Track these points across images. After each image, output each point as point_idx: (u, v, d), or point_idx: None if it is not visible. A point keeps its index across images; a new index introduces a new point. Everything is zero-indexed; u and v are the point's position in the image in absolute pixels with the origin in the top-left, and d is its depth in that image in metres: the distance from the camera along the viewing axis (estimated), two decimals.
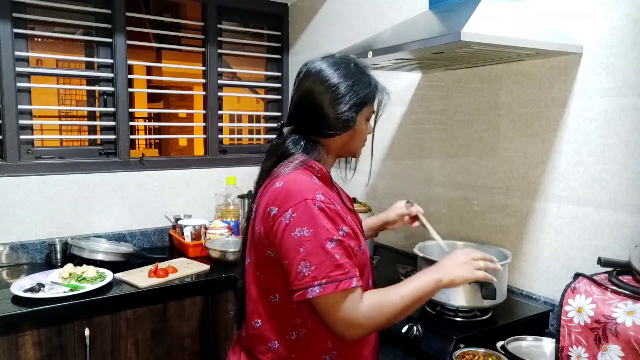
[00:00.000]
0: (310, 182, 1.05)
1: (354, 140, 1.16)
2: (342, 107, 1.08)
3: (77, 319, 1.73)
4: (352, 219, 1.14)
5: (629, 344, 0.93)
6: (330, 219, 1.00)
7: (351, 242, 1.02)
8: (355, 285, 0.98)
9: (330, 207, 1.01)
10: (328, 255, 0.97)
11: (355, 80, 1.10)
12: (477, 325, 1.34)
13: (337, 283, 0.96)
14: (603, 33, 1.32)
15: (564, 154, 1.44)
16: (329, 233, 0.98)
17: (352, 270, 0.99)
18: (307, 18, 2.69)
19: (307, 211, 0.99)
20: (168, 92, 4.11)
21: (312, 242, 0.97)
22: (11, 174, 2.14)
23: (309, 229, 0.98)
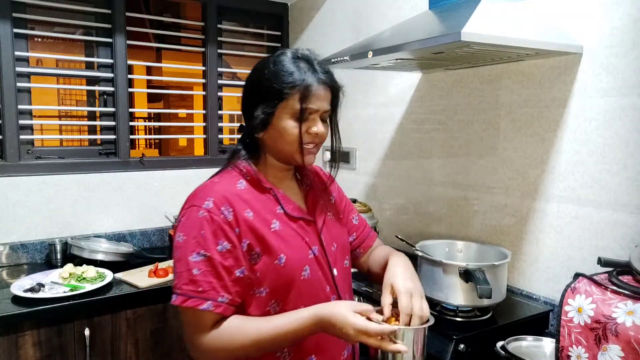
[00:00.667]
0: (217, 187, 1.00)
1: (277, 141, 1.03)
2: (253, 104, 1.02)
3: (77, 319, 1.73)
4: (291, 228, 1.03)
5: (629, 344, 0.93)
6: (208, 230, 0.94)
7: (228, 261, 0.94)
8: (207, 308, 0.92)
9: (216, 217, 0.95)
10: (187, 267, 0.94)
11: (270, 74, 1.00)
12: (477, 325, 1.34)
13: (185, 298, 0.93)
14: (603, 33, 1.32)
15: (564, 154, 1.44)
16: (198, 245, 0.94)
17: (210, 292, 0.93)
18: (307, 18, 2.69)
19: (189, 217, 0.97)
20: (168, 92, 4.10)
21: (181, 250, 0.95)
22: (11, 174, 2.14)
23: (184, 236, 0.96)
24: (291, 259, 1.00)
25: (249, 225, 0.98)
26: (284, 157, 1.06)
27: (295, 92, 0.99)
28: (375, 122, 2.21)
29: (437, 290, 1.37)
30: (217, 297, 0.93)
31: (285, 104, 1.00)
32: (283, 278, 1.00)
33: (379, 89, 2.17)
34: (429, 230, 1.92)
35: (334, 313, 0.92)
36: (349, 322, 0.89)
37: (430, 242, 1.57)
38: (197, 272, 0.93)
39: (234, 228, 0.96)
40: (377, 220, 1.99)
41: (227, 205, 0.97)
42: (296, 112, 1.00)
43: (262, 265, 0.98)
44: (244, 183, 1.04)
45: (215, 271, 0.94)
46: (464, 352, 1.24)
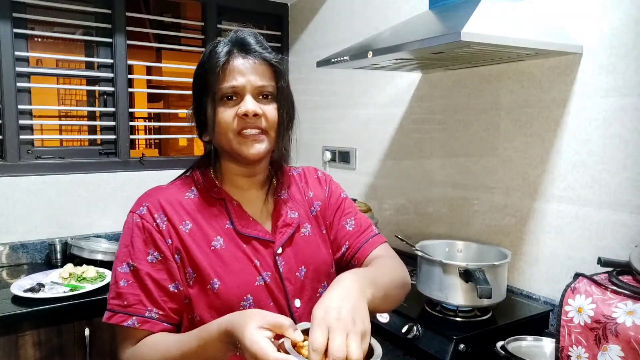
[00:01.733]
0: (158, 193, 0.92)
1: (216, 137, 0.90)
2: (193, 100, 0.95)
3: (77, 319, 1.73)
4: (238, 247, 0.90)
5: (629, 344, 0.93)
6: (138, 238, 0.86)
7: (160, 274, 0.85)
8: (132, 325, 0.83)
9: (147, 224, 0.86)
10: (114, 279, 0.87)
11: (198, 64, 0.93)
12: (477, 325, 1.34)
13: (111, 314, 0.85)
14: (603, 33, 1.32)
15: (564, 154, 1.44)
16: (127, 255, 0.86)
17: (136, 306, 0.84)
18: (307, 18, 2.69)
19: (125, 225, 0.90)
20: (168, 92, 4.10)
21: (115, 260, 0.89)
22: (11, 174, 2.14)
23: (119, 245, 0.90)
24: (227, 285, 0.86)
25: (181, 240, 0.87)
26: (230, 154, 0.92)
27: (216, 74, 0.87)
28: (375, 122, 2.21)
29: (437, 290, 1.37)
30: (144, 312, 0.84)
31: (210, 92, 0.89)
32: (216, 307, 0.86)
33: (379, 89, 2.17)
34: (429, 230, 1.92)
35: (236, 326, 0.70)
36: (246, 341, 0.67)
37: (430, 242, 1.57)
38: (124, 284, 0.85)
39: (165, 238, 0.87)
40: (377, 220, 1.99)
41: (161, 213, 0.88)
42: (218, 97, 0.88)
43: (193, 288, 0.87)
44: (194, 192, 0.94)
45: (142, 284, 0.85)
46: (464, 352, 1.24)
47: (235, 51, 0.90)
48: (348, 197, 1.11)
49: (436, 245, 1.58)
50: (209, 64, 0.89)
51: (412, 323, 1.33)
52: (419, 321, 1.33)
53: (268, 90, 0.91)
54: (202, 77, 0.91)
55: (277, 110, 0.91)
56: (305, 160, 2.71)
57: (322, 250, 1.01)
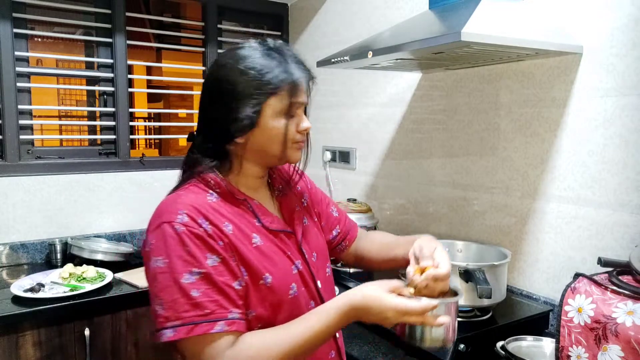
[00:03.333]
0: (187, 200, 0.88)
1: (266, 142, 0.93)
2: (236, 102, 0.90)
3: (77, 319, 1.73)
4: (272, 242, 0.95)
5: (629, 344, 0.93)
6: (193, 245, 0.83)
7: (224, 276, 0.84)
8: (221, 330, 0.81)
9: (195, 230, 0.84)
10: (182, 292, 0.81)
11: (249, 68, 0.91)
12: (477, 325, 1.34)
13: (191, 326, 0.80)
14: (603, 33, 1.32)
15: (564, 154, 1.44)
16: (187, 264, 0.82)
17: (217, 311, 0.81)
18: (307, 18, 2.69)
19: (163, 237, 0.84)
20: (168, 92, 4.10)
21: (165, 275, 0.82)
22: (11, 174, 2.14)
23: (164, 259, 0.83)
24: (277, 277, 0.91)
25: (230, 240, 0.88)
26: (269, 159, 0.96)
27: (284, 87, 0.91)
28: (375, 122, 2.21)
29: None
30: (227, 314, 0.82)
31: (271, 102, 0.91)
32: (270, 300, 0.90)
33: (379, 89, 2.17)
34: (429, 230, 1.92)
35: (368, 298, 0.84)
36: (388, 305, 0.83)
37: None
38: (197, 293, 0.81)
39: (217, 241, 0.86)
40: (377, 220, 1.99)
41: (201, 218, 0.86)
42: (284, 109, 0.92)
43: (247, 286, 0.88)
44: (215, 196, 0.92)
45: (216, 287, 0.83)
46: (464, 352, 1.24)
47: (301, 68, 0.96)
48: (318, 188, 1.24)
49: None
50: (275, 72, 0.91)
51: None
52: None
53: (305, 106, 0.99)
54: (261, 83, 0.90)
55: None
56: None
57: (320, 237, 1.11)
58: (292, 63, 0.94)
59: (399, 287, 0.87)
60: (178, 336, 0.80)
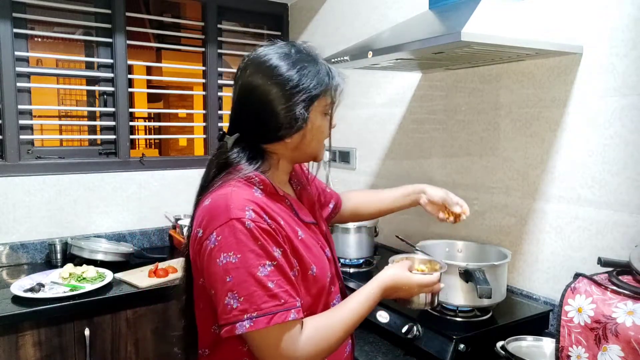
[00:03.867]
0: (244, 196, 0.91)
1: (310, 141, 1.00)
2: (289, 103, 0.93)
3: (77, 319, 1.73)
4: (309, 234, 1.02)
5: (629, 344, 0.93)
6: (263, 239, 0.87)
7: (287, 266, 0.89)
8: (294, 317, 0.86)
9: (262, 225, 0.88)
10: (259, 284, 0.84)
11: (301, 68, 0.95)
12: (477, 325, 1.34)
13: (270, 316, 0.84)
14: (603, 33, 1.32)
15: (563, 154, 1.44)
16: (260, 258, 0.86)
17: (289, 300, 0.86)
18: (307, 18, 2.69)
19: (233, 233, 0.86)
20: (168, 92, 4.11)
21: (240, 270, 0.85)
22: (11, 174, 2.14)
23: (236, 254, 0.85)
24: (320, 267, 0.98)
25: (286, 234, 0.93)
26: (304, 157, 1.05)
27: (327, 87, 0.98)
28: (375, 122, 2.21)
29: None
30: (296, 302, 0.87)
31: (322, 99, 0.98)
32: (315, 288, 0.97)
33: (379, 89, 2.17)
34: (429, 230, 1.92)
35: (398, 279, 1.03)
36: (413, 282, 1.03)
37: (430, 242, 1.57)
38: (273, 285, 0.85)
39: (278, 235, 0.90)
40: (377, 220, 1.99)
41: (263, 213, 0.90)
42: (326, 108, 1.00)
43: (297, 276, 0.93)
44: (259, 192, 0.95)
45: (286, 277, 0.88)
46: (464, 352, 1.24)
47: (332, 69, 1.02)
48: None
49: (436, 245, 1.58)
50: (330, 78, 0.99)
51: (412, 323, 1.33)
52: (419, 321, 1.34)
53: None
54: (317, 87, 0.97)
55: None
56: None
57: (326, 224, 1.20)
58: (325, 64, 1.01)
59: (411, 265, 1.09)
60: (257, 327, 0.83)
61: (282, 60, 0.95)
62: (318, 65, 0.98)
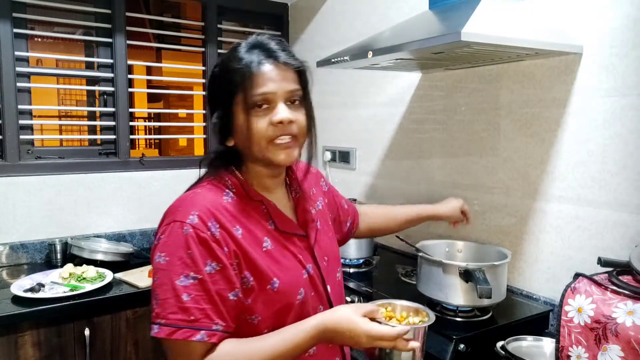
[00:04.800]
0: (202, 200, 0.88)
1: (245, 143, 0.91)
2: (213, 108, 0.93)
3: (77, 319, 1.73)
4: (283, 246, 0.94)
5: (629, 344, 0.93)
6: (196, 249, 0.83)
7: (220, 284, 0.83)
8: (201, 339, 0.81)
9: (201, 234, 0.83)
10: (174, 293, 0.81)
11: (219, 71, 0.92)
12: (477, 325, 1.34)
13: (174, 329, 0.80)
14: (603, 33, 1.32)
15: (564, 154, 1.44)
16: (185, 266, 0.82)
17: (202, 320, 0.81)
18: (307, 18, 2.69)
19: (171, 235, 0.84)
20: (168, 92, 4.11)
21: (163, 273, 0.83)
22: (11, 174, 2.14)
23: (166, 257, 0.83)
24: (285, 282, 0.91)
25: (238, 245, 0.87)
26: (260, 160, 0.93)
27: (243, 80, 0.87)
28: (375, 122, 2.21)
29: (437, 290, 1.37)
30: (212, 325, 0.82)
31: (239, 99, 0.88)
32: (277, 304, 0.90)
33: (379, 89, 2.17)
34: (429, 230, 1.92)
35: (340, 321, 0.85)
36: (360, 329, 0.85)
37: (430, 242, 1.57)
38: (187, 297, 0.81)
39: (222, 247, 0.85)
40: None
41: (212, 220, 0.85)
42: (249, 104, 0.88)
43: (252, 291, 0.88)
44: (230, 195, 0.92)
45: (208, 295, 0.82)
46: (464, 352, 1.24)
47: (263, 57, 0.89)
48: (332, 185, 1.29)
49: (436, 245, 1.58)
50: (235, 69, 0.89)
51: None
52: None
53: (297, 95, 0.92)
54: (227, 82, 0.89)
55: (306, 115, 0.95)
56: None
57: (333, 241, 1.10)
58: (260, 54, 0.89)
59: (372, 310, 0.88)
60: (160, 335, 0.81)
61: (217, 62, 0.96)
62: (239, 60, 0.89)
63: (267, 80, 0.88)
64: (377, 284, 1.73)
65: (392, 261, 1.95)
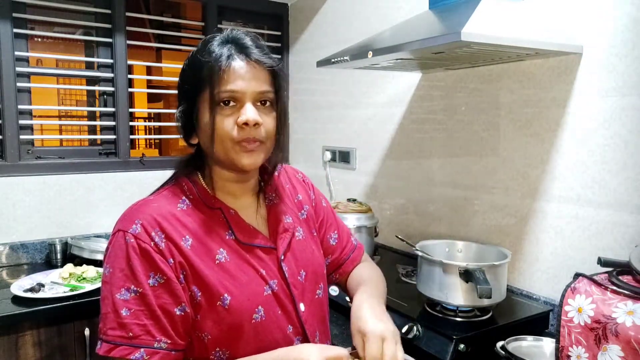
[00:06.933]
0: (148, 207, 0.84)
1: (207, 143, 0.86)
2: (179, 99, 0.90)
3: (77, 319, 1.73)
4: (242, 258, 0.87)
5: (629, 344, 0.93)
6: (137, 261, 0.78)
7: (163, 298, 0.78)
8: (139, 357, 0.75)
9: (143, 245, 0.78)
10: (113, 307, 0.77)
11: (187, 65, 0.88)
12: (477, 325, 1.34)
13: (112, 346, 0.76)
14: (603, 33, 1.32)
15: (564, 154, 1.44)
16: (126, 279, 0.77)
17: (143, 337, 0.76)
18: (307, 18, 2.69)
19: (114, 245, 0.81)
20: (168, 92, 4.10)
21: (106, 286, 0.79)
22: (11, 174, 2.14)
23: (110, 269, 0.79)
24: (238, 299, 0.83)
25: (185, 257, 0.81)
26: (223, 162, 0.87)
27: (213, 75, 0.82)
28: (375, 122, 2.21)
29: (437, 290, 1.37)
30: (153, 342, 0.77)
31: (206, 95, 0.83)
32: (227, 323, 0.82)
33: (379, 89, 2.17)
34: (429, 230, 1.92)
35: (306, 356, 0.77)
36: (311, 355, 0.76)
37: (430, 242, 1.57)
38: (127, 312, 0.76)
39: (166, 258, 0.79)
40: (377, 220, 1.99)
41: (157, 230, 0.80)
42: (212, 102, 0.83)
43: (201, 306, 0.82)
44: (186, 202, 0.86)
45: (149, 310, 0.77)
46: (464, 352, 1.24)
47: (234, 52, 0.83)
48: (329, 203, 1.13)
49: (436, 245, 1.57)
50: (204, 63, 0.83)
51: (412, 323, 1.33)
52: (419, 321, 1.34)
53: (268, 97, 0.86)
54: (195, 76, 0.84)
55: (276, 119, 0.88)
56: (305, 160, 2.71)
57: (316, 253, 1.00)
58: (222, 47, 0.83)
59: (340, 356, 0.78)
60: (100, 351, 0.77)
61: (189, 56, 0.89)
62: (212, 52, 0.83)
63: (236, 77, 0.82)
64: None
65: (392, 261, 1.95)
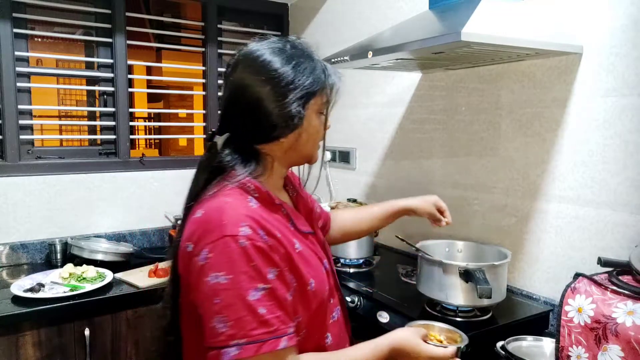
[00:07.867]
0: (240, 208, 0.85)
1: (306, 141, 0.95)
2: (285, 100, 0.89)
3: (77, 319, 1.73)
4: (307, 245, 0.95)
5: (629, 344, 0.93)
6: (258, 260, 0.81)
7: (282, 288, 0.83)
8: (285, 345, 0.80)
9: (258, 244, 0.81)
10: (250, 310, 0.79)
11: (297, 64, 0.91)
12: (477, 325, 1.34)
13: (259, 344, 0.78)
14: (603, 33, 1.32)
15: (564, 154, 1.44)
16: (252, 280, 0.80)
17: (281, 327, 0.80)
18: (307, 18, 2.69)
19: (226, 251, 0.80)
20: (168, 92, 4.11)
21: (230, 292, 0.79)
22: (11, 174, 2.14)
23: (227, 275, 0.79)
24: (318, 281, 0.92)
25: (285, 249, 0.86)
26: (299, 158, 0.98)
27: (324, 85, 0.94)
28: (375, 122, 2.21)
29: (437, 290, 1.37)
30: (287, 329, 0.82)
31: (318, 97, 0.93)
32: (314, 304, 0.90)
33: (379, 89, 2.17)
34: (429, 230, 1.91)
35: (407, 344, 0.95)
36: (423, 351, 0.95)
37: (430, 242, 1.57)
38: (264, 310, 0.79)
39: (275, 253, 0.84)
40: None
41: (259, 229, 0.83)
42: (321, 107, 0.95)
43: (296, 292, 0.87)
44: (254, 202, 0.89)
45: (278, 302, 0.82)
46: (464, 352, 1.24)
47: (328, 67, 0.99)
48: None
49: (436, 245, 1.58)
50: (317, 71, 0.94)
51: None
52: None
53: None
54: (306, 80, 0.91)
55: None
56: None
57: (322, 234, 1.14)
58: (320, 61, 0.96)
59: (426, 334, 1.00)
60: (245, 354, 0.77)
61: (275, 55, 0.91)
62: (314, 62, 0.93)
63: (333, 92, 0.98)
64: (377, 284, 1.72)
65: (392, 261, 1.95)
